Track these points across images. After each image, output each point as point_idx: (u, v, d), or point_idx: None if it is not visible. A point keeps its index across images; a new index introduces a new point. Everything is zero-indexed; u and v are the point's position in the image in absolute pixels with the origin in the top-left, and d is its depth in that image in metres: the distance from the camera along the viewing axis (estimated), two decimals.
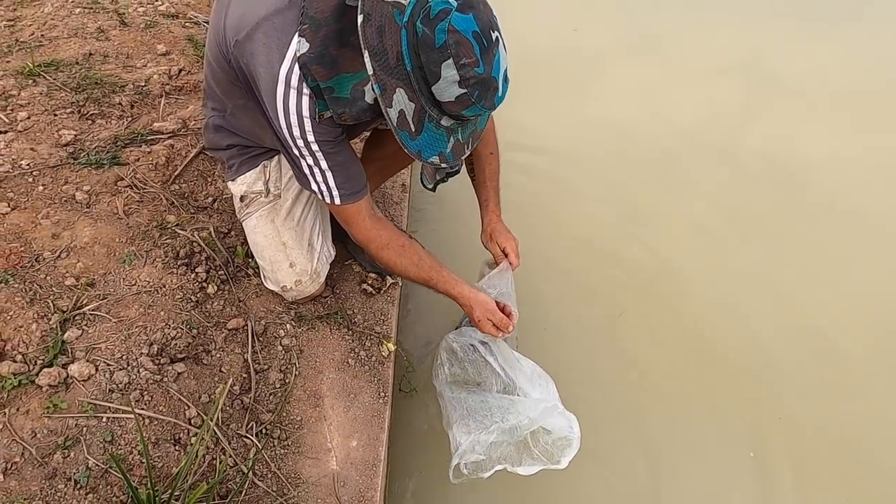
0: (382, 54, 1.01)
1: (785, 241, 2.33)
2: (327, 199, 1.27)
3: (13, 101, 1.88)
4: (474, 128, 1.17)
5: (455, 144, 1.14)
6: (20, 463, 1.10)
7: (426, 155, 1.12)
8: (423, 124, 1.07)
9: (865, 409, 1.81)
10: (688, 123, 2.91)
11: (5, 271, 1.38)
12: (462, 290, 1.39)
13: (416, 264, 1.36)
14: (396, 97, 1.03)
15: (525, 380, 1.37)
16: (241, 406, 1.33)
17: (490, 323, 1.38)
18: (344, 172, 1.24)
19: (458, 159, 1.17)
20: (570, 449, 1.32)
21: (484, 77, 1.02)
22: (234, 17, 1.15)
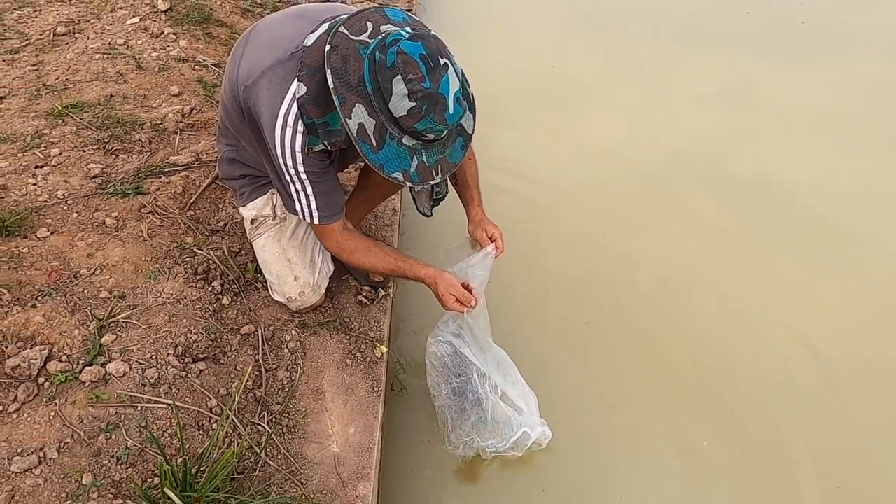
0: (345, 75, 1.21)
1: (768, 264, 2.44)
2: (307, 219, 1.47)
3: (46, 138, 2.12)
4: (442, 155, 1.32)
5: (420, 166, 1.29)
6: (70, 443, 1.31)
7: (388, 169, 1.27)
8: (385, 140, 1.23)
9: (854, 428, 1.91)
10: (672, 149, 3.06)
11: (49, 286, 1.60)
12: (427, 271, 1.55)
13: (383, 260, 1.55)
14: (356, 110, 1.21)
15: (495, 368, 1.60)
16: (254, 399, 1.55)
17: (453, 298, 1.52)
18: (325, 198, 1.45)
19: (424, 181, 1.32)
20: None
21: (430, 91, 1.18)
22: (245, 67, 1.39)
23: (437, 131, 1.24)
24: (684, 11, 4.66)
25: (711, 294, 2.33)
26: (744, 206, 2.77)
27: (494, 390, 1.62)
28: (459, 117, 1.26)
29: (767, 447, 1.86)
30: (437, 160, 1.32)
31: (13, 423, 1.32)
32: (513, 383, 1.68)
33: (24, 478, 1.23)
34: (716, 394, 1.99)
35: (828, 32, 4.48)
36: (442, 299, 1.54)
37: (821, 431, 1.91)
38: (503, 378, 1.65)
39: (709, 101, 3.54)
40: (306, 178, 1.41)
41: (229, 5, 3.30)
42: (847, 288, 2.39)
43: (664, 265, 2.43)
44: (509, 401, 1.64)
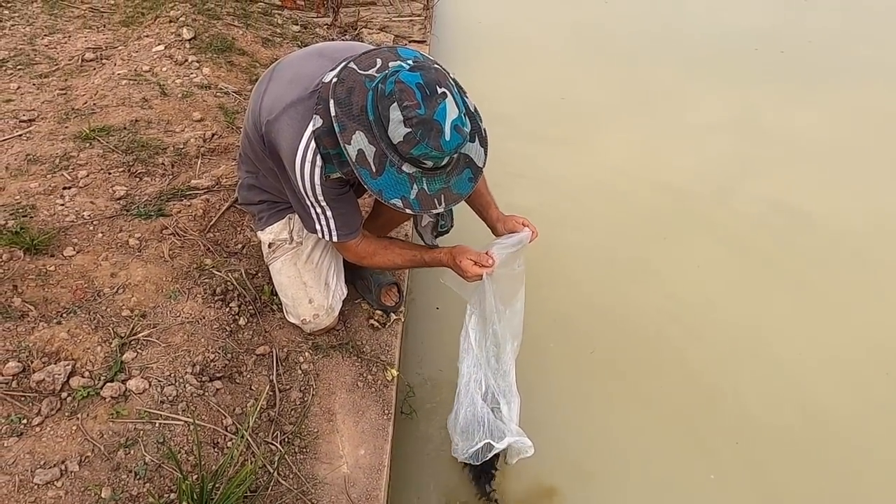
0: (348, 105, 1.26)
1: (776, 294, 2.48)
2: (326, 237, 1.53)
3: (74, 161, 2.20)
4: (445, 185, 1.33)
5: (420, 193, 1.30)
6: (91, 457, 1.35)
7: (387, 196, 1.29)
8: (385, 167, 1.26)
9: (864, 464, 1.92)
10: (680, 179, 3.12)
11: (74, 304, 1.65)
12: (443, 252, 1.58)
13: (401, 254, 1.62)
14: (356, 137, 1.25)
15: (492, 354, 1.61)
16: (268, 418, 1.58)
17: (471, 262, 1.51)
18: (343, 219, 1.52)
19: (425, 209, 1.33)
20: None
21: (425, 118, 1.20)
22: (268, 102, 1.46)
23: (434, 157, 1.25)
24: (694, 46, 4.78)
25: (718, 325, 2.36)
26: (752, 236, 2.82)
27: (479, 386, 1.60)
28: (458, 144, 1.27)
29: (776, 481, 1.87)
30: (440, 189, 1.34)
31: (37, 436, 1.36)
32: (503, 375, 1.65)
33: (47, 490, 1.27)
34: (722, 426, 2.01)
35: (835, 65, 4.57)
36: (461, 267, 1.53)
37: (829, 466, 1.92)
38: (496, 367, 1.62)
39: (717, 132, 3.61)
40: (325, 205, 1.47)
41: (250, 35, 3.42)
42: (856, 319, 2.41)
43: (671, 295, 2.46)
44: (492, 400, 1.62)
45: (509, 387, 1.64)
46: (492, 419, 1.59)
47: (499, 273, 1.54)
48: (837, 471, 1.90)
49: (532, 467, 1.86)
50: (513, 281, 1.60)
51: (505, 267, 1.56)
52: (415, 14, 4.44)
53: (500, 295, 1.57)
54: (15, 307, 1.60)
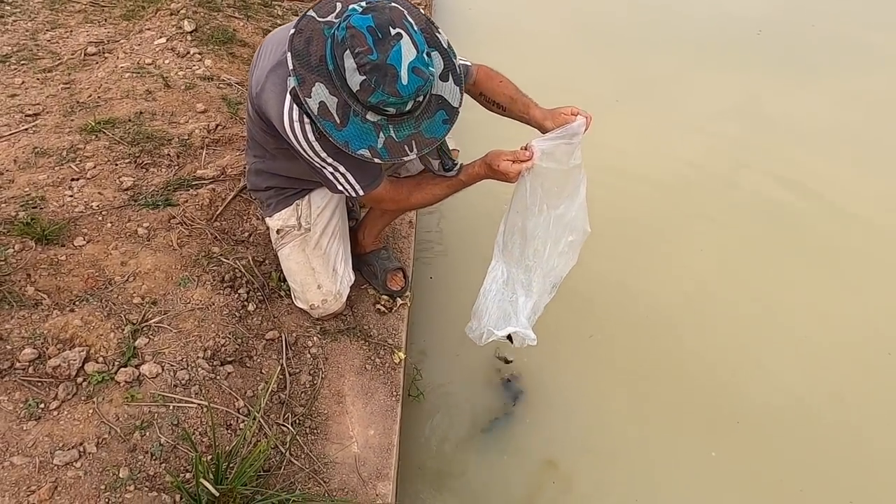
0: (305, 56, 1.21)
1: (779, 279, 2.49)
2: (353, 193, 1.49)
3: (81, 153, 2.22)
4: (415, 130, 1.28)
5: (388, 141, 1.26)
6: (108, 439, 1.38)
7: (354, 147, 1.25)
8: (349, 117, 1.22)
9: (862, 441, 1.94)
10: (684, 166, 3.12)
11: (86, 292, 1.68)
12: (476, 164, 1.49)
13: (435, 186, 1.55)
14: (315, 89, 1.20)
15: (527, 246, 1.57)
16: (279, 401, 1.61)
17: (509, 162, 1.41)
18: (359, 170, 1.45)
19: (395, 157, 1.29)
20: None
21: (378, 63, 1.15)
22: (255, 77, 1.45)
23: (394, 104, 1.20)
24: (696, 32, 4.76)
25: (721, 308, 2.38)
26: (756, 223, 2.83)
27: (501, 274, 1.58)
28: (418, 88, 1.20)
29: (775, 458, 1.90)
30: (410, 135, 1.29)
31: (55, 420, 1.39)
32: (526, 270, 1.59)
33: (66, 470, 1.30)
34: (723, 406, 2.04)
35: (838, 49, 4.55)
36: (500, 171, 1.43)
37: (829, 444, 1.95)
38: (519, 259, 1.58)
39: (721, 118, 3.61)
40: (333, 160, 1.41)
41: (251, 27, 3.43)
42: (859, 304, 2.43)
43: (675, 279, 2.49)
44: (511, 289, 1.60)
45: (529, 282, 1.59)
46: (501, 307, 1.58)
47: (545, 168, 1.44)
48: (837, 450, 1.93)
49: (537, 444, 1.90)
50: (566, 177, 1.48)
51: (554, 162, 1.44)
52: (415, 4, 4.44)
53: (547, 192, 1.48)
54: (29, 296, 1.63)
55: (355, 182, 1.47)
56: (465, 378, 2.09)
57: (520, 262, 1.59)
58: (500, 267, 1.60)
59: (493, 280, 1.59)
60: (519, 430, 1.94)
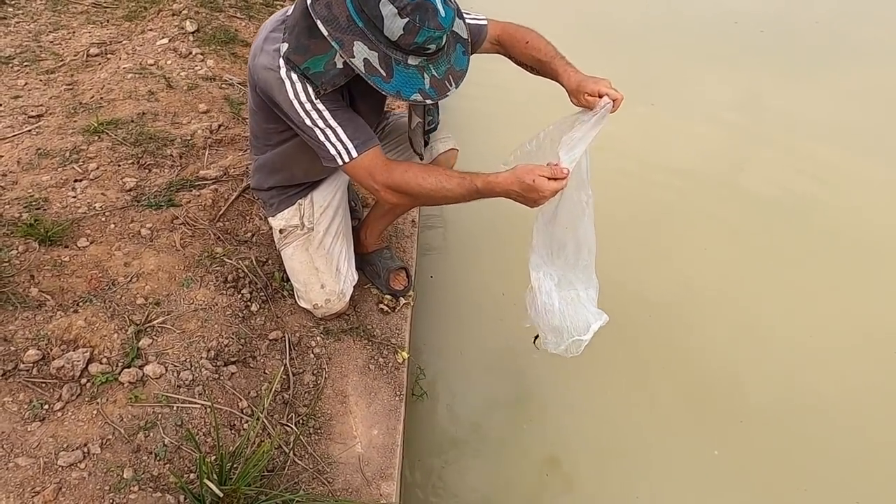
0: (333, 20, 1.22)
1: (782, 277, 2.47)
2: (346, 157, 1.39)
3: (84, 154, 2.23)
4: (449, 64, 1.30)
5: (432, 80, 1.28)
6: (112, 440, 1.38)
7: (406, 93, 1.26)
8: (392, 68, 1.23)
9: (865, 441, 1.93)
10: (685, 163, 3.11)
11: (89, 293, 1.68)
12: (502, 176, 1.35)
13: (448, 178, 1.39)
14: (356, 49, 1.22)
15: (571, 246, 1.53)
16: (283, 401, 1.61)
17: (545, 179, 1.31)
18: (352, 126, 1.40)
19: (442, 94, 1.29)
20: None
21: (418, 2, 1.17)
22: (252, 52, 1.45)
23: (437, 39, 1.22)
24: (697, 30, 4.75)
25: (724, 306, 2.37)
26: (757, 220, 2.82)
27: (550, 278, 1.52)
28: (452, 18, 1.24)
29: (777, 458, 1.89)
30: (447, 70, 1.30)
31: (59, 421, 1.39)
32: (584, 268, 1.55)
33: (71, 471, 1.30)
34: (725, 405, 2.03)
35: (841, 45, 4.53)
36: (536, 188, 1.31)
37: (833, 444, 1.94)
38: (575, 261, 1.54)
39: (722, 116, 3.60)
40: (324, 108, 1.37)
41: (253, 26, 3.43)
42: (864, 301, 2.42)
43: (677, 278, 2.48)
44: (568, 286, 1.55)
45: (583, 275, 1.56)
46: (574, 311, 1.53)
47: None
48: (842, 450, 1.92)
49: (540, 442, 1.89)
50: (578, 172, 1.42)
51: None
52: None
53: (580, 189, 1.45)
54: (32, 297, 1.63)
55: (347, 140, 1.39)
56: (470, 376, 2.08)
57: (575, 266, 1.54)
58: (546, 278, 1.52)
59: (548, 293, 1.51)
60: (522, 429, 1.94)
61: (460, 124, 3.21)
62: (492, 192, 1.37)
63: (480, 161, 1.64)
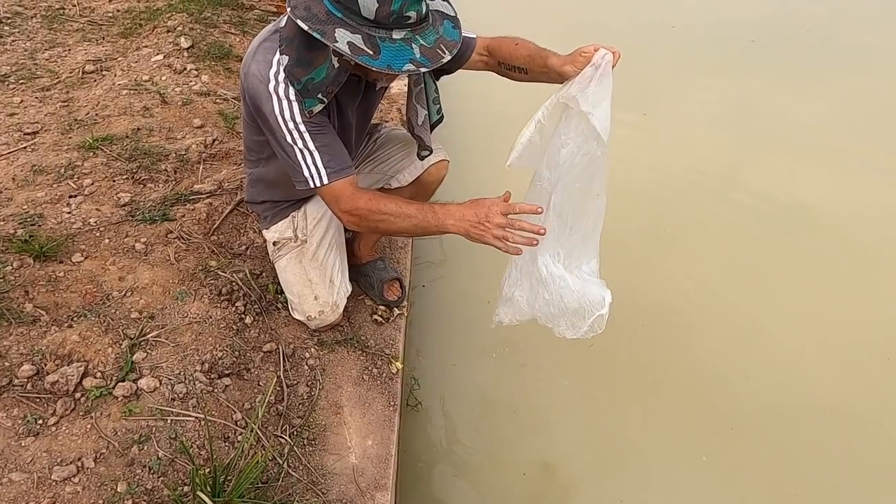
0: (312, 17, 1.24)
1: (777, 283, 2.49)
2: (317, 181, 1.42)
3: (78, 170, 2.24)
4: (438, 35, 1.31)
5: (422, 49, 1.27)
6: (106, 454, 1.39)
7: (397, 66, 1.25)
8: (378, 45, 1.24)
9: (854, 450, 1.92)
10: (680, 171, 3.13)
11: (84, 307, 1.69)
12: (454, 205, 1.38)
13: (405, 204, 1.43)
14: (338, 35, 1.23)
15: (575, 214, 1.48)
16: (277, 412, 1.62)
17: (497, 214, 1.33)
18: (329, 152, 1.43)
19: (435, 61, 1.29)
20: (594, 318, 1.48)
21: None
22: (244, 60, 1.47)
23: (414, 5, 1.23)
24: (689, 39, 4.80)
25: (716, 314, 2.38)
26: (753, 227, 2.84)
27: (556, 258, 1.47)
28: None
29: (767, 465, 1.89)
30: (437, 40, 1.30)
31: (53, 435, 1.40)
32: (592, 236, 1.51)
33: (65, 485, 1.31)
34: (717, 412, 2.03)
35: (832, 52, 4.58)
36: (482, 225, 1.35)
37: (824, 449, 1.94)
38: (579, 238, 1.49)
39: (716, 124, 3.63)
40: (305, 131, 1.40)
41: (247, 42, 3.46)
42: (858, 309, 2.42)
43: (671, 286, 2.49)
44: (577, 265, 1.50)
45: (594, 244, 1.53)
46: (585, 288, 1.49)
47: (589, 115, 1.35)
48: (832, 456, 1.92)
49: (535, 450, 1.90)
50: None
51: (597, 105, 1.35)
52: None
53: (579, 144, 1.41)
54: (27, 312, 1.64)
55: (322, 166, 1.42)
56: (463, 385, 2.09)
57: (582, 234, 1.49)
58: (552, 264, 1.46)
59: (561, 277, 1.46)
60: (516, 437, 1.94)
61: (459, 133, 3.24)
62: (447, 217, 1.39)
63: (476, 169, 1.66)
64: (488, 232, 1.35)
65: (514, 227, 1.36)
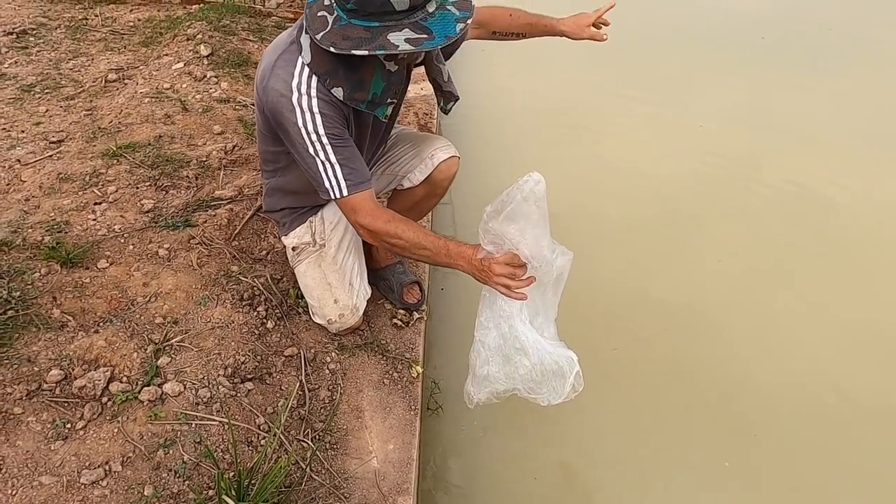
0: (358, 40, 1.28)
1: (796, 285, 2.45)
2: (336, 193, 1.47)
3: (103, 177, 2.28)
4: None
5: (455, 4, 1.33)
6: (132, 458, 1.41)
7: (452, 32, 1.30)
8: (427, 27, 1.29)
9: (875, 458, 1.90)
10: (692, 170, 3.10)
11: (110, 313, 1.72)
12: (467, 247, 1.43)
13: (423, 232, 1.48)
14: (393, 40, 1.27)
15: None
16: (299, 417, 1.63)
17: (500, 266, 1.38)
18: (349, 165, 1.47)
19: (470, 7, 1.34)
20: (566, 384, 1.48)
21: None
22: (259, 75, 1.49)
23: None
24: (700, 38, 4.75)
25: (736, 314, 2.35)
26: (769, 226, 2.80)
27: (535, 327, 1.49)
28: None
29: (790, 471, 1.86)
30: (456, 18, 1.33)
31: (81, 439, 1.42)
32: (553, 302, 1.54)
33: (93, 489, 1.33)
34: (739, 417, 2.01)
35: (844, 47, 4.51)
36: (486, 275, 1.41)
37: (850, 457, 1.91)
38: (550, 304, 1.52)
39: (730, 120, 3.59)
40: (328, 143, 1.43)
41: (265, 48, 3.50)
42: (882, 308, 2.38)
43: (689, 289, 2.46)
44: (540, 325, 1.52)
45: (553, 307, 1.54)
46: (556, 349, 1.49)
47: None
48: (858, 463, 1.89)
49: (555, 453, 1.89)
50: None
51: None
52: None
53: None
54: (55, 318, 1.67)
55: (342, 178, 1.46)
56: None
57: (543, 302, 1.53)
58: (522, 326, 1.47)
59: (537, 341, 1.48)
60: (537, 440, 1.93)
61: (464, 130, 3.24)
62: (458, 258, 1.45)
63: (479, 168, 1.66)
64: (490, 280, 1.41)
65: (516, 277, 1.40)
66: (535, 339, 1.46)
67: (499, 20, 1.72)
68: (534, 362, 1.46)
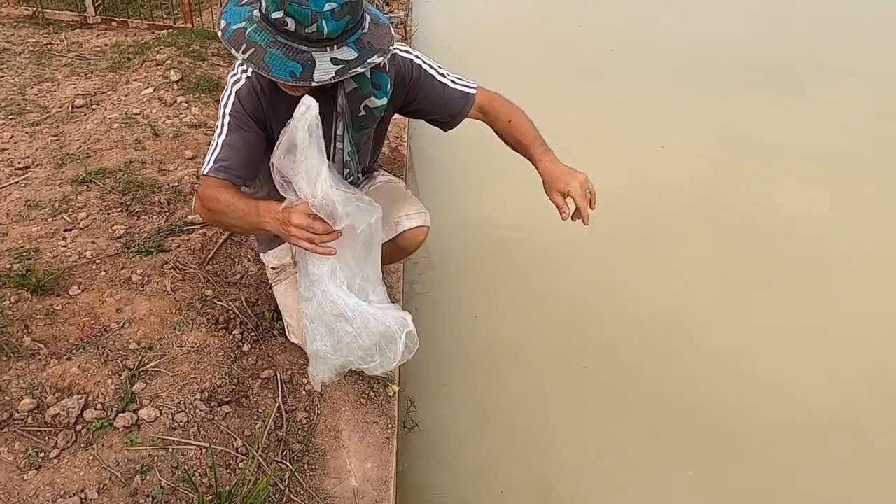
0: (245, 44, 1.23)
1: (764, 303, 2.55)
2: (203, 169, 1.41)
3: (73, 203, 2.27)
4: (362, 32, 1.25)
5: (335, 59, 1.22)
6: (109, 485, 1.40)
7: (279, 74, 1.20)
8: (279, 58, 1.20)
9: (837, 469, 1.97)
10: (665, 190, 3.20)
11: (83, 340, 1.71)
12: (271, 206, 1.32)
13: (238, 198, 1.37)
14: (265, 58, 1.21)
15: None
16: (277, 438, 1.64)
17: (299, 214, 1.25)
18: (227, 152, 1.40)
19: (344, 74, 1.23)
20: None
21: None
22: None
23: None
24: (669, 62, 4.95)
25: (706, 333, 2.43)
26: (740, 245, 2.91)
27: (353, 292, 1.37)
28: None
29: (756, 478, 1.93)
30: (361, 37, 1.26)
31: (55, 468, 1.41)
32: (374, 261, 1.43)
33: None
34: (705, 425, 2.08)
35: (813, 70, 4.74)
36: (286, 225, 1.28)
37: (811, 462, 2.00)
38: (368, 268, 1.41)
39: (698, 144, 3.73)
40: (226, 123, 1.42)
41: None
42: (849, 324, 2.48)
43: (657, 306, 2.55)
44: (359, 290, 1.40)
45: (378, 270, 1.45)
46: (384, 312, 1.40)
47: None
48: (820, 468, 1.98)
49: (530, 464, 1.93)
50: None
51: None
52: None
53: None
54: (26, 346, 1.65)
55: (212, 158, 1.41)
56: (457, 404, 2.12)
57: (366, 259, 1.42)
58: (339, 292, 1.35)
59: (357, 305, 1.37)
60: (513, 453, 1.97)
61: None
62: (266, 214, 1.32)
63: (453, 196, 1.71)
64: (289, 231, 1.27)
65: (314, 229, 1.26)
66: (354, 303, 1.35)
67: (498, 120, 1.63)
68: (356, 326, 1.35)
